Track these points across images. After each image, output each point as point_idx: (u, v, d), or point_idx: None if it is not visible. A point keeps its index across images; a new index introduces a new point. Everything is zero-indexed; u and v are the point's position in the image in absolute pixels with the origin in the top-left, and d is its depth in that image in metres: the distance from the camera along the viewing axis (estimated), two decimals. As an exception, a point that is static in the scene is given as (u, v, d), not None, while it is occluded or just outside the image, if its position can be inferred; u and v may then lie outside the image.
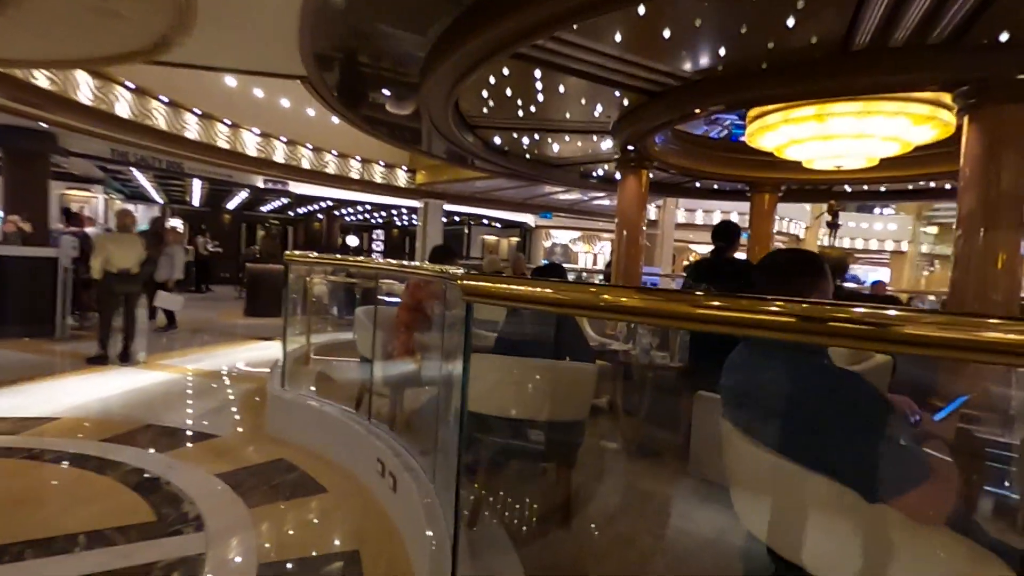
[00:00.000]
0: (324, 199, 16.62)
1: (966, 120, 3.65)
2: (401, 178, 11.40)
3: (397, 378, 4.14)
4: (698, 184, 8.96)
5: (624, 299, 1.44)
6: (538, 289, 1.54)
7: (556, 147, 7.11)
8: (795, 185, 7.82)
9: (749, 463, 1.67)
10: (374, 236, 26.10)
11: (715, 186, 9.15)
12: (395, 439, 3.64)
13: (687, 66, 4.05)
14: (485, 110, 5.67)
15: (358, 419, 4.07)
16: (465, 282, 1.69)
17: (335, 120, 9.81)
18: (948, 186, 7.97)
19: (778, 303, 1.14)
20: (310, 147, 9.70)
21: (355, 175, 10.52)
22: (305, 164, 9.68)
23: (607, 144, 6.74)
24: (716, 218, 15.88)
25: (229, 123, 8.63)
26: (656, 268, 13.86)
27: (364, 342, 4.39)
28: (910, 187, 8.15)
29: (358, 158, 10.48)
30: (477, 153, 7.11)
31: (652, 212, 15.32)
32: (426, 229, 12.01)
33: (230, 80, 7.40)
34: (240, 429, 4.64)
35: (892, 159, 5.66)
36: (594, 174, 8.71)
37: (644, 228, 6.63)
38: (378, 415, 4.08)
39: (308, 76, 5.26)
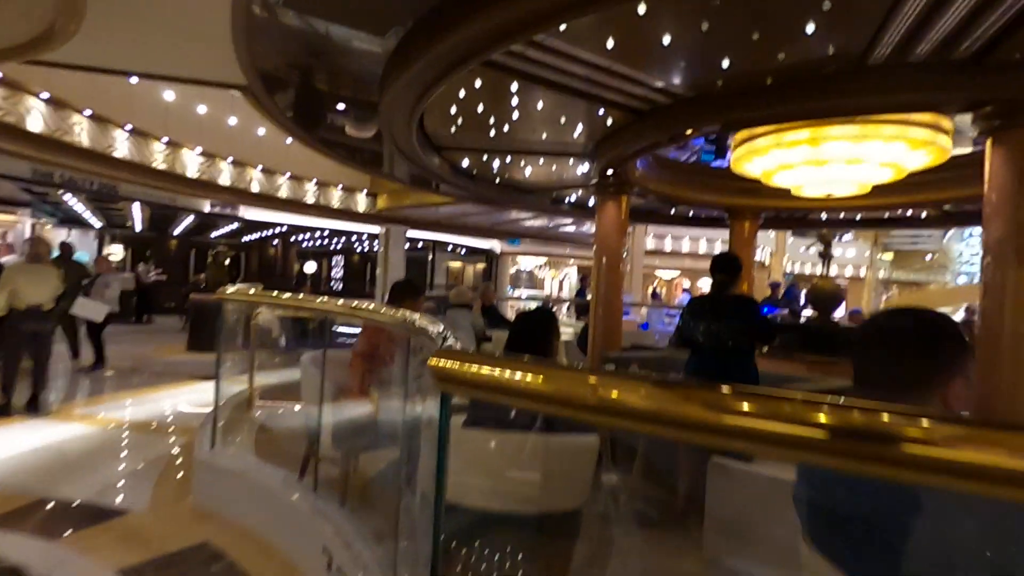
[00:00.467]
0: (279, 224, 15.77)
1: (989, 143, 3.32)
2: (361, 203, 10.74)
3: (351, 440, 3.49)
4: (672, 211, 8.64)
5: (615, 393, 1.02)
6: (519, 375, 1.10)
7: (528, 171, 6.64)
8: (774, 213, 7.56)
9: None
10: (333, 262, 25.18)
11: (690, 213, 8.85)
12: (346, 519, 3.00)
13: (682, 80, 3.63)
14: (453, 129, 5.16)
15: (303, 491, 3.40)
16: (439, 364, 1.11)
17: (288, 140, 9.18)
18: (924, 214, 7.89)
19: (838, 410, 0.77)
20: (260, 169, 8.98)
21: (311, 199, 9.82)
22: (255, 187, 8.93)
23: (583, 168, 6.31)
24: (685, 245, 15.75)
25: (167, 141, 7.87)
26: (627, 296, 13.53)
27: (311, 395, 3.73)
28: (886, 215, 8.02)
29: (314, 181, 9.80)
30: (443, 176, 6.58)
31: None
32: (388, 256, 11.34)
33: (168, 93, 6.70)
34: (160, 501, 3.88)
35: (880, 187, 5.40)
36: (567, 200, 8.29)
37: (625, 255, 6.18)
38: (327, 485, 3.42)
39: (251, 89, 4.67)
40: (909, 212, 7.74)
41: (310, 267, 22.77)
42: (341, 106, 5.32)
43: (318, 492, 3.31)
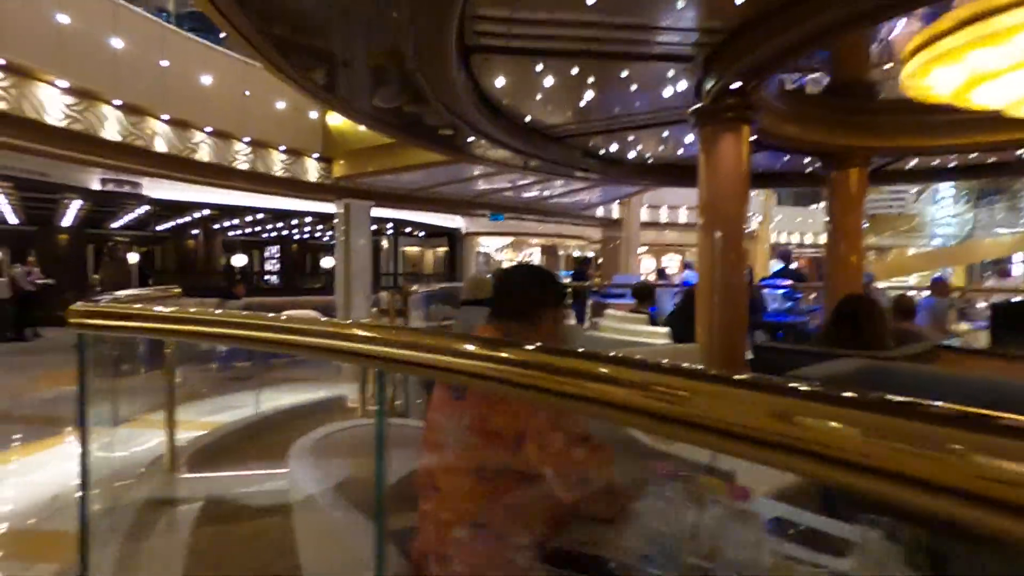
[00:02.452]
0: (199, 207, 12.82)
1: None
2: (312, 170, 8.20)
3: None
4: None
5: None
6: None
7: (589, 95, 4.45)
8: (891, 157, 5.79)
9: None
10: (267, 254, 22.02)
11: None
12: None
13: None
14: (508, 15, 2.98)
15: None
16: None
17: (205, 79, 6.57)
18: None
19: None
20: (166, 119, 6.29)
21: (243, 165, 7.21)
22: (160, 146, 6.26)
23: (675, 88, 4.25)
24: (682, 216, 14.10)
25: (3, 65, 4.91)
26: (628, 276, 11.67)
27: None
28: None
29: (246, 139, 7.19)
30: (470, 118, 4.33)
31: (614, 211, 13.22)
32: (349, 243, 8.83)
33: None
34: None
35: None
36: (594, 149, 6.21)
37: (747, 229, 4.19)
38: None
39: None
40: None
41: (239, 260, 19.62)
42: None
43: None
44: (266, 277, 22.02)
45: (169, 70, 6.03)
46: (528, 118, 5.04)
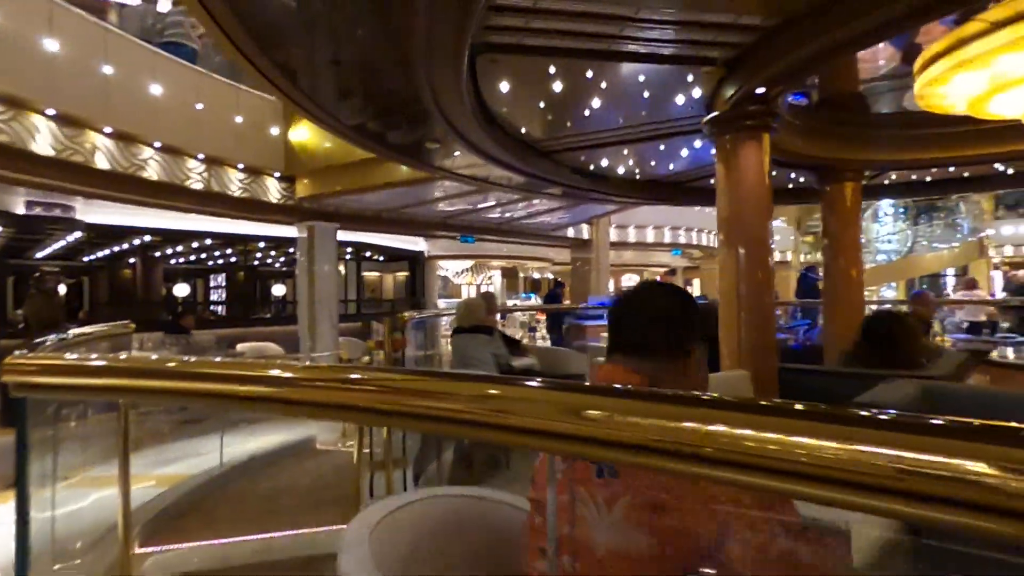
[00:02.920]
0: (139, 233, 11.80)
1: None
2: (273, 190, 7.55)
3: None
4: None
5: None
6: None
7: (596, 103, 4.16)
8: (887, 169, 5.75)
9: None
10: (212, 282, 20.72)
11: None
12: None
13: None
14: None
15: None
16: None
17: (156, 89, 5.91)
18: None
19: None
20: (109, 132, 5.57)
21: (196, 184, 6.50)
22: (102, 162, 5.53)
23: (689, 95, 4.00)
24: (649, 236, 14.10)
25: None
26: (604, 298, 11.44)
27: None
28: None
29: (200, 156, 6.50)
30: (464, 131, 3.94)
31: (583, 231, 13.00)
32: (313, 268, 8.15)
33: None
34: None
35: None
36: (585, 164, 5.93)
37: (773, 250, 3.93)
38: None
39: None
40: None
41: (181, 290, 18.34)
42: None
43: None
44: (212, 307, 20.70)
45: (113, 78, 5.36)
46: (524, 130, 4.69)
